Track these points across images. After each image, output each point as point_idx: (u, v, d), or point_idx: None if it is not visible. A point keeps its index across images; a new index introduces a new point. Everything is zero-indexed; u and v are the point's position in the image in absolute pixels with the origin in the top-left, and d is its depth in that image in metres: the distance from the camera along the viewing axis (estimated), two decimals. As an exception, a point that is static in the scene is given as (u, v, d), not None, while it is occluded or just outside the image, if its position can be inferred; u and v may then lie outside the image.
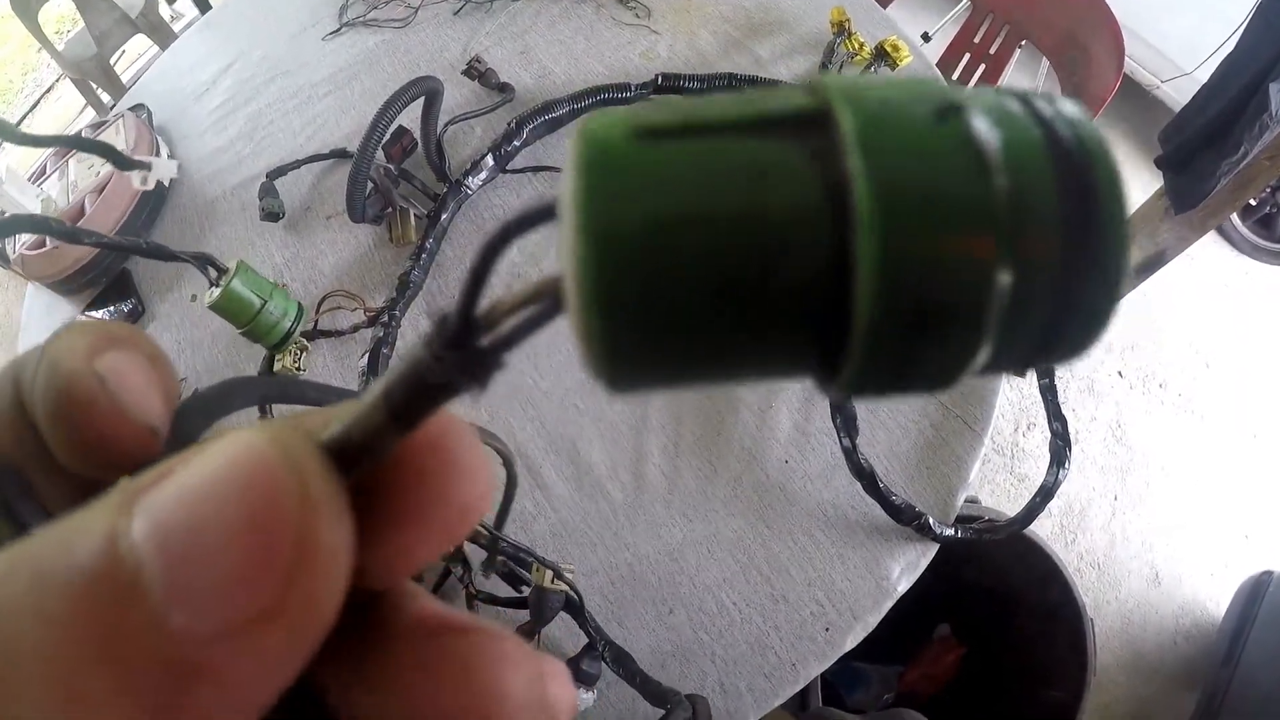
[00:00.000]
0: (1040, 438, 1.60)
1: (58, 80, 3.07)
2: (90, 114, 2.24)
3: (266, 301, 0.61)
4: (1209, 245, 1.87)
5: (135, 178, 0.62)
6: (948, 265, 0.07)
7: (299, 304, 0.65)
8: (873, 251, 0.07)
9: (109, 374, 0.11)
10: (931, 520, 0.56)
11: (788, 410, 0.62)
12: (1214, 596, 1.49)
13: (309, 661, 0.08)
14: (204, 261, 0.58)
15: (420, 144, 0.75)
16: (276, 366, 0.63)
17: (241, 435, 0.09)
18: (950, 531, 0.57)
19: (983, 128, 0.08)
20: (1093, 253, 0.08)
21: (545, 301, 0.09)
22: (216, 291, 0.58)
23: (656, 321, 0.07)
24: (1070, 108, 0.08)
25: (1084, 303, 0.08)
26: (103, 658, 0.07)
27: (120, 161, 0.41)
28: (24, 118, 3.16)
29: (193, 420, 0.12)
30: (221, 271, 0.59)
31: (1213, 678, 1.33)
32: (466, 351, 0.09)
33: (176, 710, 0.07)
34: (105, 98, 1.97)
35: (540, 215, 0.09)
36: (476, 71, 0.81)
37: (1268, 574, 1.37)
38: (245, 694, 0.08)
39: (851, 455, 0.56)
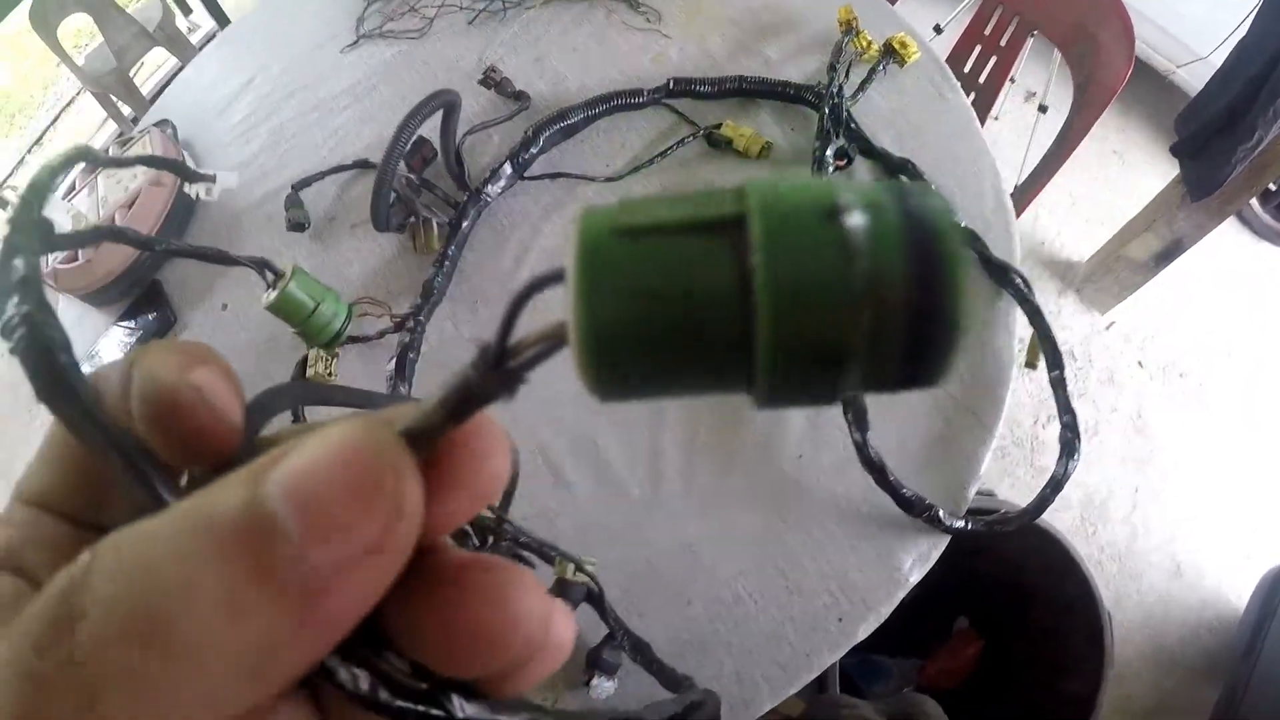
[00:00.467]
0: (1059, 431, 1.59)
1: (78, 94, 3.14)
2: (111, 126, 2.29)
3: (320, 304, 0.65)
4: (1228, 231, 1.85)
5: (201, 189, 0.66)
6: (818, 328, 0.10)
7: (349, 306, 0.68)
8: (765, 322, 0.10)
9: (203, 386, 0.14)
10: (942, 512, 0.57)
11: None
12: (1236, 588, 1.48)
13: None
14: (261, 265, 0.61)
15: (440, 154, 0.77)
16: (309, 372, 0.65)
17: (341, 426, 0.12)
18: (961, 523, 0.58)
19: (857, 222, 0.10)
20: (936, 305, 0.10)
21: (553, 340, 0.12)
22: (274, 294, 0.62)
23: (626, 359, 0.11)
24: (934, 199, 0.11)
25: (932, 342, 0.10)
26: (255, 580, 0.10)
27: (188, 175, 0.45)
28: (45, 131, 3.23)
29: (253, 420, 0.15)
30: (278, 275, 0.62)
31: (1234, 670, 1.32)
32: (501, 372, 0.13)
33: (310, 614, 0.10)
34: (126, 110, 2.01)
35: (551, 279, 0.12)
36: (492, 81, 0.83)
37: (1289, 565, 1.36)
38: (355, 605, 0.11)
39: (863, 449, 0.58)
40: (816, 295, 0.10)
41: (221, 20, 2.17)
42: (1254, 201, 1.82)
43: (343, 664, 0.12)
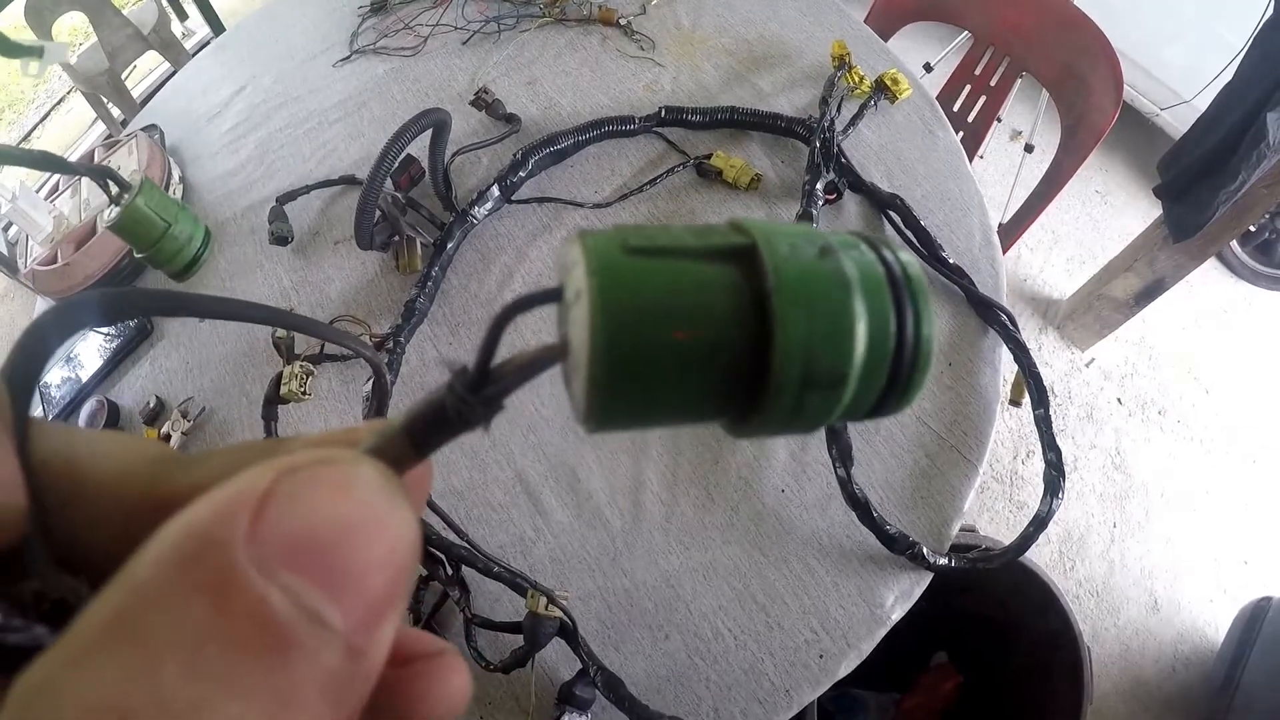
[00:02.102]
0: (1040, 465, 1.60)
1: (69, 93, 3.11)
2: (101, 127, 2.27)
3: (172, 224, 0.56)
4: (1208, 271, 1.88)
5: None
6: (830, 345, 0.11)
7: (207, 228, 0.59)
8: (784, 336, 0.11)
9: None
10: (925, 549, 0.56)
11: (784, 440, 0.63)
12: (1213, 623, 1.49)
13: None
14: (103, 175, 0.52)
15: (427, 173, 0.76)
16: (283, 390, 0.64)
17: (349, 487, 0.10)
18: (944, 561, 0.57)
19: (847, 263, 0.11)
20: (914, 338, 0.11)
21: (545, 360, 0.12)
22: (117, 210, 0.53)
23: (637, 373, 0.11)
24: (904, 254, 0.12)
25: (910, 370, 0.12)
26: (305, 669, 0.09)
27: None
28: (34, 129, 3.20)
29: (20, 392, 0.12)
30: (124, 189, 0.53)
31: (1211, 704, 1.32)
32: (480, 396, 0.12)
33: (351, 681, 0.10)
34: (116, 112, 2.00)
35: (542, 298, 0.12)
36: (484, 102, 0.83)
37: (1266, 600, 1.37)
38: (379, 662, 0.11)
39: (846, 485, 0.57)
40: (825, 320, 0.11)
41: (217, 27, 2.16)
42: (1233, 242, 1.85)
43: None
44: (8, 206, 0.97)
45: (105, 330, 0.90)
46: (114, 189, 0.54)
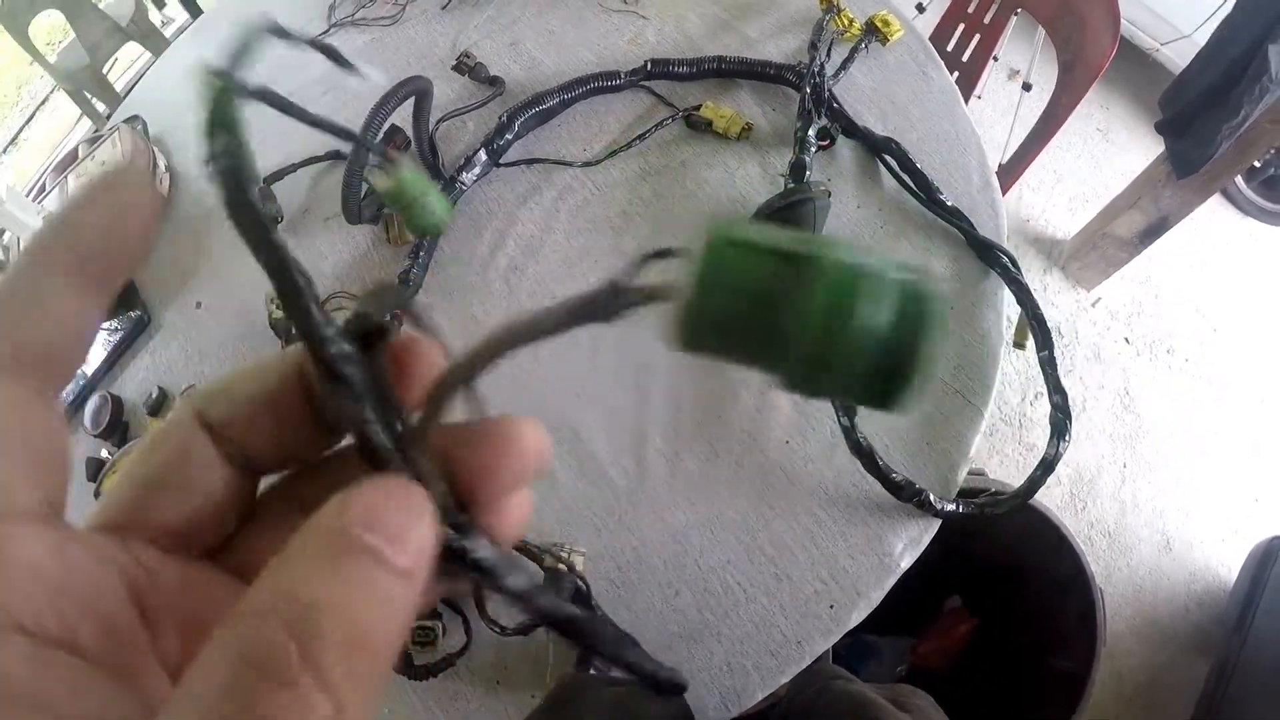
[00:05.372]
0: (1048, 408, 1.59)
1: (52, 92, 3.08)
2: (87, 124, 2.25)
3: (429, 191, 0.64)
4: (1213, 208, 1.85)
5: (354, 78, 0.66)
6: (846, 349, 0.14)
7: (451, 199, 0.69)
8: (809, 331, 0.14)
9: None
10: (932, 496, 0.56)
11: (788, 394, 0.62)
12: (1225, 562, 1.49)
13: None
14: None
15: (413, 143, 0.75)
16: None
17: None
18: (951, 507, 0.57)
19: (889, 281, 0.14)
20: (919, 358, 0.14)
21: (659, 294, 0.15)
22: (390, 179, 0.61)
23: (710, 329, 0.14)
24: (926, 274, 0.14)
25: (910, 383, 0.14)
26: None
27: (339, 61, 0.46)
28: (20, 130, 3.17)
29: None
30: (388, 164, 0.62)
31: (1224, 644, 1.33)
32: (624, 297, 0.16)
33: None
34: (101, 107, 1.98)
35: (664, 253, 0.17)
36: (466, 66, 0.81)
37: (1278, 540, 1.37)
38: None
39: (850, 434, 0.57)
40: (840, 326, 0.13)
41: (195, 12, 2.13)
42: (1238, 179, 1.82)
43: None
44: (-2, 209, 0.97)
45: (105, 324, 0.90)
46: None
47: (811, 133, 0.68)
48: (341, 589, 0.14)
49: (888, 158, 0.69)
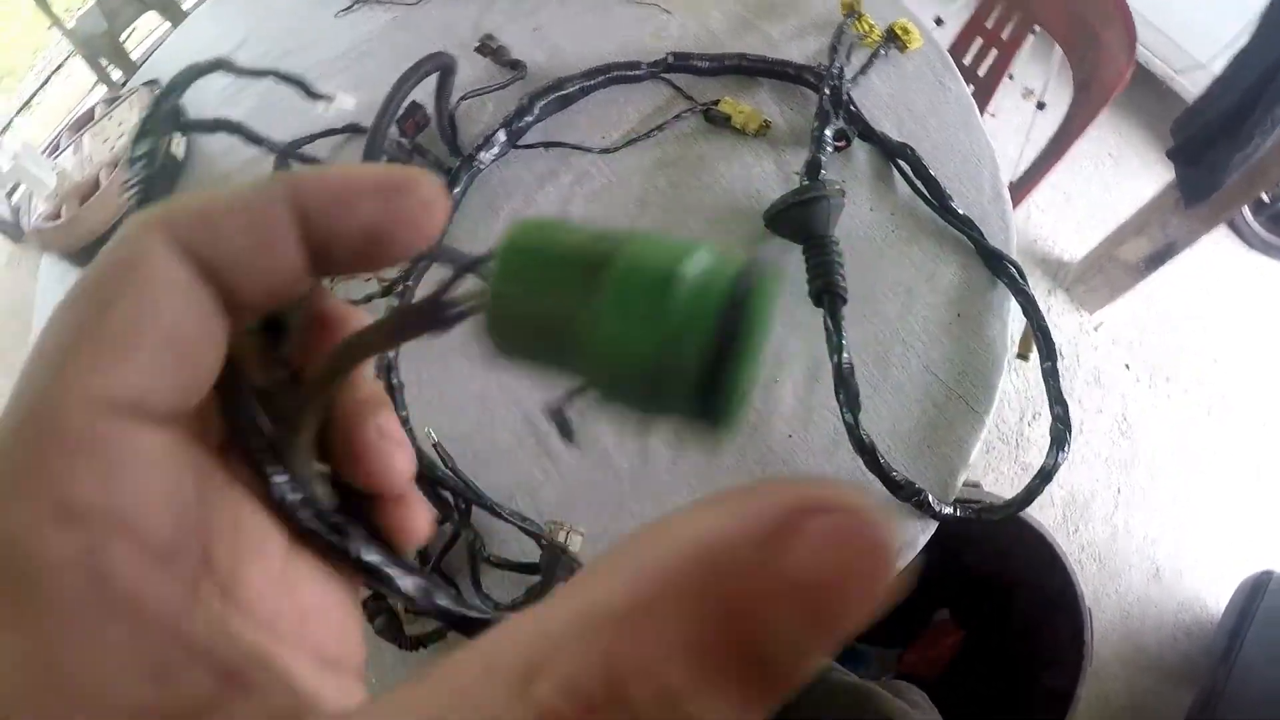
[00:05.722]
0: (1045, 428, 1.59)
1: (68, 58, 3.08)
2: (101, 91, 2.25)
3: None
4: (1220, 239, 1.87)
5: (320, 105, 0.66)
6: (624, 363, 0.13)
7: None
8: (592, 343, 0.13)
9: None
10: (931, 498, 0.56)
11: (792, 385, 0.62)
12: (1215, 593, 1.49)
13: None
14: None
15: (433, 119, 0.75)
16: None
17: None
18: (949, 510, 0.57)
19: (682, 292, 0.12)
20: (718, 377, 0.12)
21: (475, 303, 0.15)
22: None
23: (512, 333, 0.14)
24: (763, 279, 0.13)
25: (714, 398, 0.13)
26: None
27: (309, 91, 0.48)
28: (34, 95, 3.17)
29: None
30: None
31: (1210, 674, 1.33)
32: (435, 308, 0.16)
33: None
34: (116, 74, 1.98)
35: (480, 261, 0.15)
36: (488, 49, 0.81)
37: (1268, 573, 1.37)
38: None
39: (854, 431, 0.57)
40: (627, 342, 0.13)
41: (216, -14, 2.13)
42: (1246, 211, 1.83)
43: (288, 484, 0.16)
44: (11, 166, 0.97)
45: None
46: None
47: (828, 133, 0.69)
48: None
49: (902, 163, 0.70)
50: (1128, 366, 1.71)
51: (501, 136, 0.73)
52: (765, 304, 0.13)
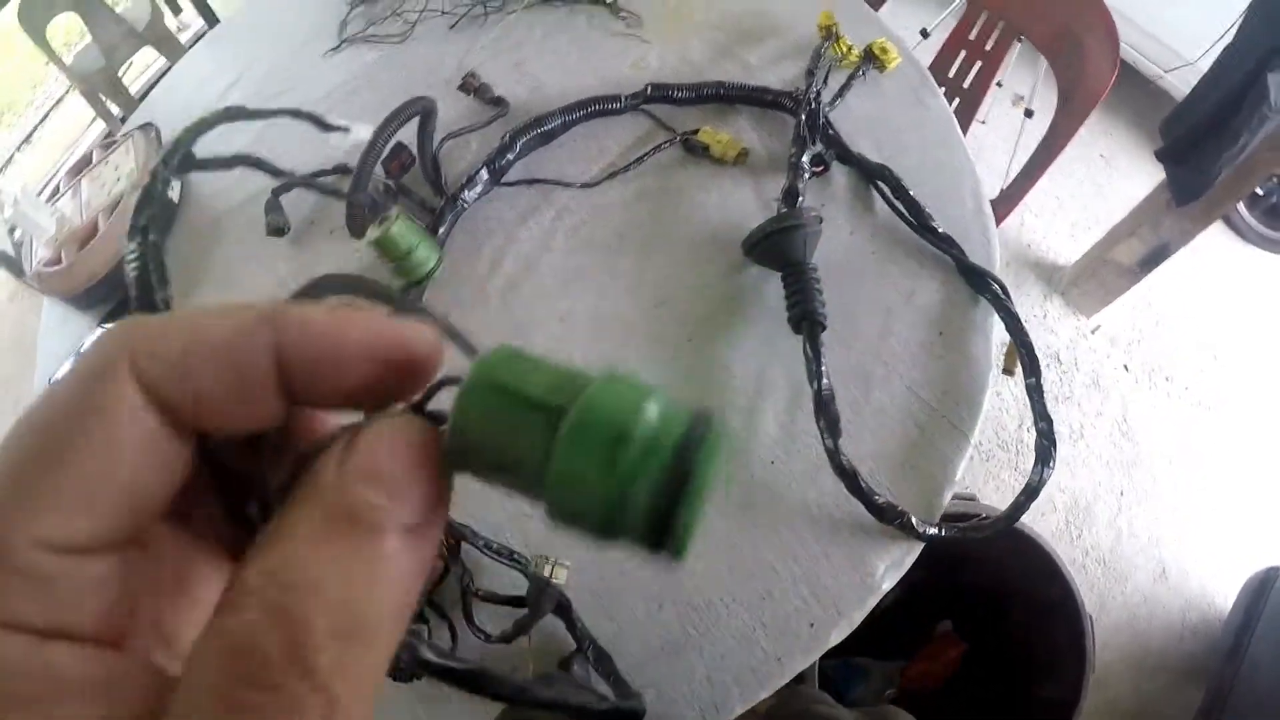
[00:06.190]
0: (1045, 432, 1.58)
1: (66, 93, 3.12)
2: (100, 126, 2.28)
3: (414, 248, 0.70)
4: (1215, 235, 1.86)
5: (333, 137, 0.70)
6: (576, 504, 0.14)
7: (440, 255, 0.73)
8: (547, 483, 0.14)
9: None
10: (914, 519, 0.57)
11: (773, 412, 0.63)
12: (1221, 592, 1.49)
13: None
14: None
15: (417, 160, 0.77)
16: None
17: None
18: (934, 530, 0.58)
19: (635, 446, 0.13)
20: (666, 525, 0.14)
21: (435, 418, 0.16)
22: (378, 231, 0.68)
23: (468, 452, 0.15)
24: (712, 441, 0.14)
25: (664, 541, 0.14)
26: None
27: (324, 125, 0.50)
28: (34, 130, 3.21)
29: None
30: (384, 217, 0.69)
31: (1218, 673, 1.33)
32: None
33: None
34: (114, 109, 2.01)
35: (451, 381, 0.17)
36: (471, 86, 0.83)
37: (1274, 569, 1.37)
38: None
39: (835, 456, 0.58)
40: (577, 491, 0.14)
41: (211, 20, 2.16)
42: (1240, 206, 1.83)
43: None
44: (11, 210, 0.99)
45: (111, 326, 0.91)
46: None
47: (805, 159, 0.70)
48: (334, 566, 0.12)
49: (881, 184, 0.71)
50: (1126, 368, 1.71)
51: (484, 175, 0.74)
52: (713, 455, 0.14)
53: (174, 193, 0.95)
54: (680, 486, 0.13)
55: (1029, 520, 0.96)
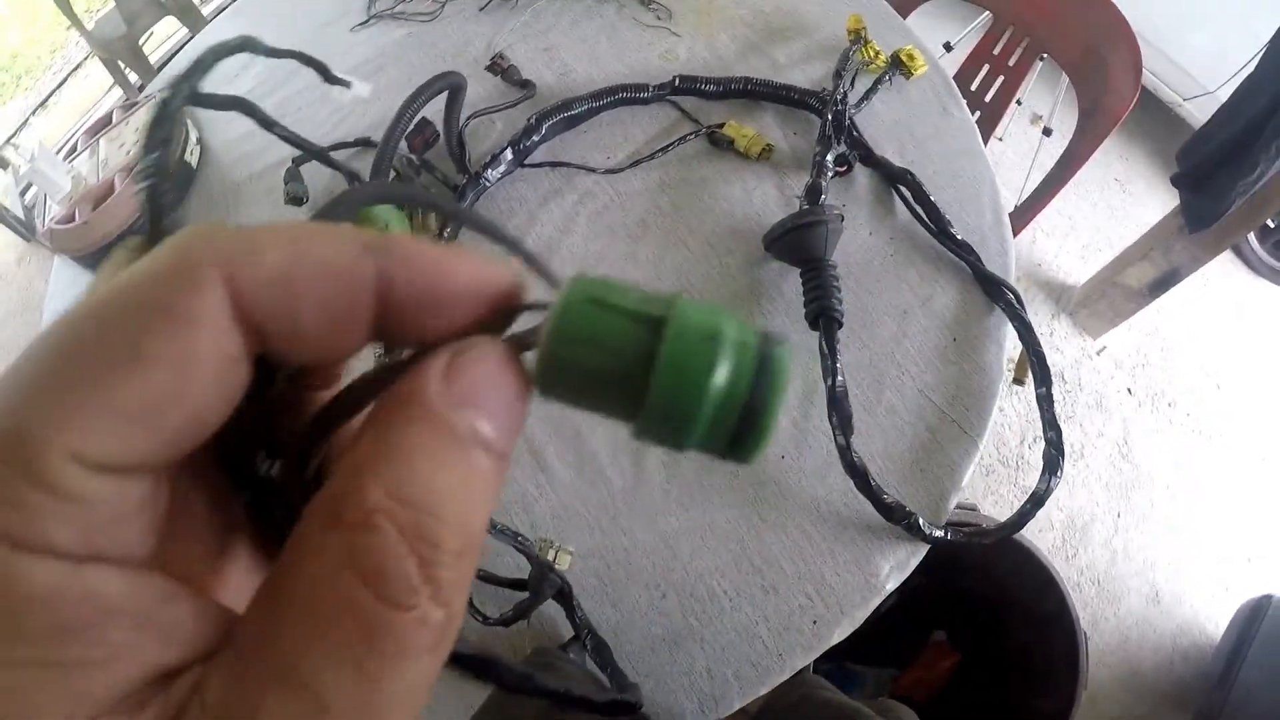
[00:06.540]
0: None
1: (86, 59, 3.12)
2: (118, 93, 2.28)
3: (389, 224, 0.70)
4: (1225, 265, 1.87)
5: (336, 90, 0.70)
6: (682, 403, 0.14)
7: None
8: (654, 386, 0.14)
9: None
10: (921, 521, 0.57)
11: (785, 408, 0.63)
12: (1213, 618, 1.49)
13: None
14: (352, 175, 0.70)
15: (442, 136, 0.77)
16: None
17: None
18: (940, 533, 0.58)
19: (728, 350, 0.15)
20: (756, 419, 0.15)
21: (525, 342, 0.16)
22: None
23: (566, 376, 0.15)
24: (784, 351, 0.15)
25: (747, 437, 0.15)
26: None
27: (328, 77, 0.50)
28: (51, 94, 3.21)
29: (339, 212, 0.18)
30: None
31: (1207, 699, 1.33)
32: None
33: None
34: (133, 78, 2.00)
35: (538, 306, 0.16)
36: (499, 67, 0.83)
37: (1267, 598, 1.37)
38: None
39: (846, 453, 0.58)
40: (685, 386, 0.14)
41: (234, -7, 2.16)
42: (1252, 237, 1.83)
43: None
44: (27, 167, 0.98)
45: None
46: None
47: (830, 158, 0.70)
48: (459, 488, 0.13)
49: (902, 189, 0.71)
50: (1130, 391, 1.71)
51: (508, 155, 0.74)
52: (788, 357, 0.15)
53: (193, 157, 0.95)
54: (772, 381, 0.15)
55: (1027, 535, 0.96)
